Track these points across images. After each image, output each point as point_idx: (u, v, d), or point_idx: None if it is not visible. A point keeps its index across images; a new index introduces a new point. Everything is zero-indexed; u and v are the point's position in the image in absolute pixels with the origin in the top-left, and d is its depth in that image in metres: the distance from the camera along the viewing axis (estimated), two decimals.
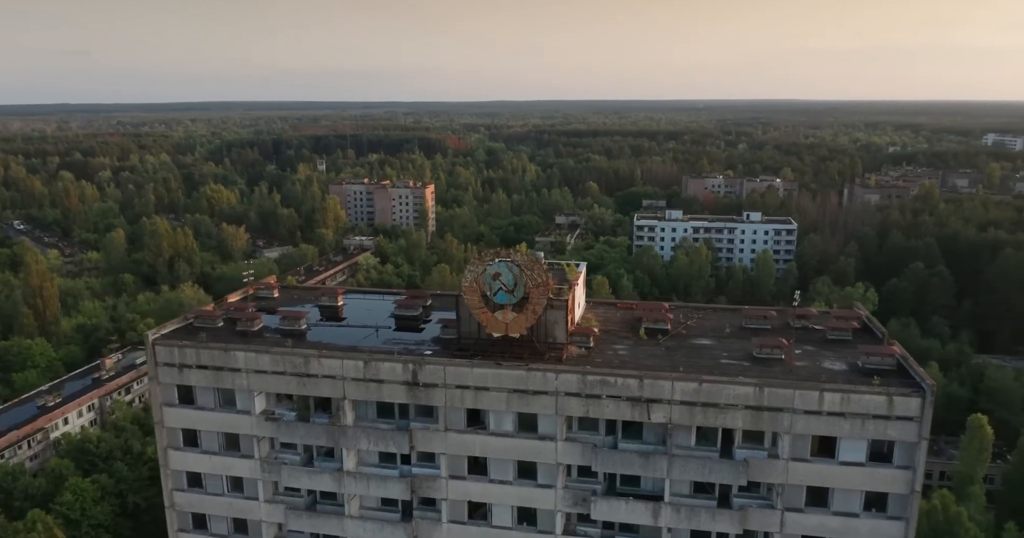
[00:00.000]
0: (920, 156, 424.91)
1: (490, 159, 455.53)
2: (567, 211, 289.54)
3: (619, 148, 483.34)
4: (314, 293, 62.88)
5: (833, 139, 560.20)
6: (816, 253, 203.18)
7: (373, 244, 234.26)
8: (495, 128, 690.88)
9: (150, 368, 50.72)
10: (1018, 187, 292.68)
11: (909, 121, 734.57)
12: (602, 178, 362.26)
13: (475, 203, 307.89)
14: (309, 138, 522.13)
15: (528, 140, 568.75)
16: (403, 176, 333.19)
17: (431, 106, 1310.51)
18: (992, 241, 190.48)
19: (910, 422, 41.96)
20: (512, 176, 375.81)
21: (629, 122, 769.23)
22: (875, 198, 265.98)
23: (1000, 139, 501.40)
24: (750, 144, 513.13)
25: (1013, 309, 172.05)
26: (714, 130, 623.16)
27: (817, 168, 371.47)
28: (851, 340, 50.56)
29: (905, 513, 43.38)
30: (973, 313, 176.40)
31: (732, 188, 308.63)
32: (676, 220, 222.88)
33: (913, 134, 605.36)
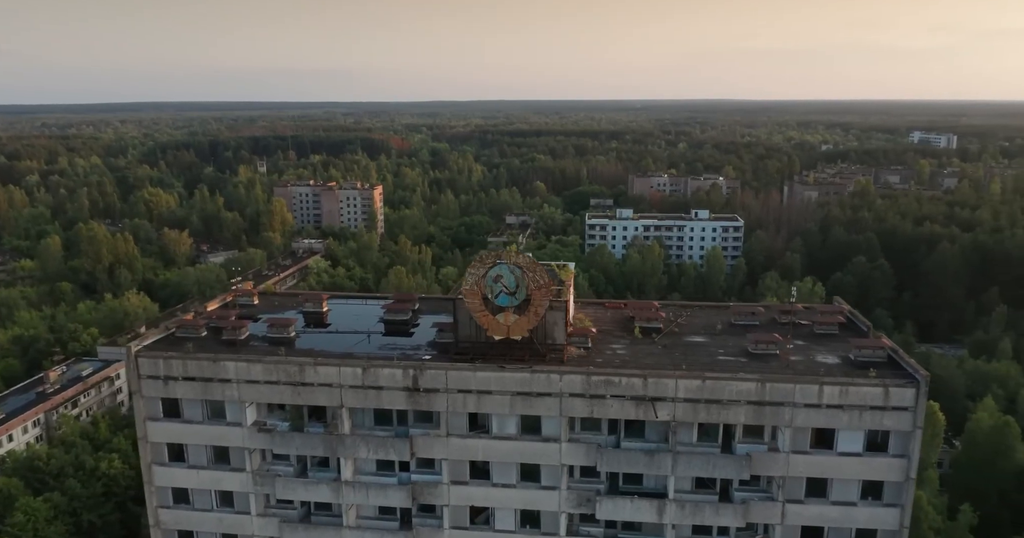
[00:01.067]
0: (852, 154, 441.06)
1: (435, 159, 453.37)
2: (517, 211, 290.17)
3: (563, 148, 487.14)
4: (296, 299, 61.22)
5: (768, 138, 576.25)
6: (763, 249, 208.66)
7: (323, 247, 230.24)
8: (437, 128, 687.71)
9: (132, 381, 48.52)
10: (946, 183, 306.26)
11: (839, 120, 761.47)
12: (549, 178, 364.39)
13: (423, 204, 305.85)
14: (247, 139, 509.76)
15: (472, 140, 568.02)
16: (349, 178, 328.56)
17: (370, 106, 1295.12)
18: (928, 235, 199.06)
19: (905, 412, 43.37)
20: (459, 176, 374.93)
21: (570, 122, 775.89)
22: (814, 195, 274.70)
23: (925, 137, 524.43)
24: (690, 143, 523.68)
25: (949, 300, 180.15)
26: (654, 130, 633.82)
27: (756, 166, 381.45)
28: (838, 334, 51.99)
29: (900, 500, 44.84)
30: (913, 304, 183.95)
31: (677, 187, 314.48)
32: (627, 219, 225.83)
33: (844, 132, 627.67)
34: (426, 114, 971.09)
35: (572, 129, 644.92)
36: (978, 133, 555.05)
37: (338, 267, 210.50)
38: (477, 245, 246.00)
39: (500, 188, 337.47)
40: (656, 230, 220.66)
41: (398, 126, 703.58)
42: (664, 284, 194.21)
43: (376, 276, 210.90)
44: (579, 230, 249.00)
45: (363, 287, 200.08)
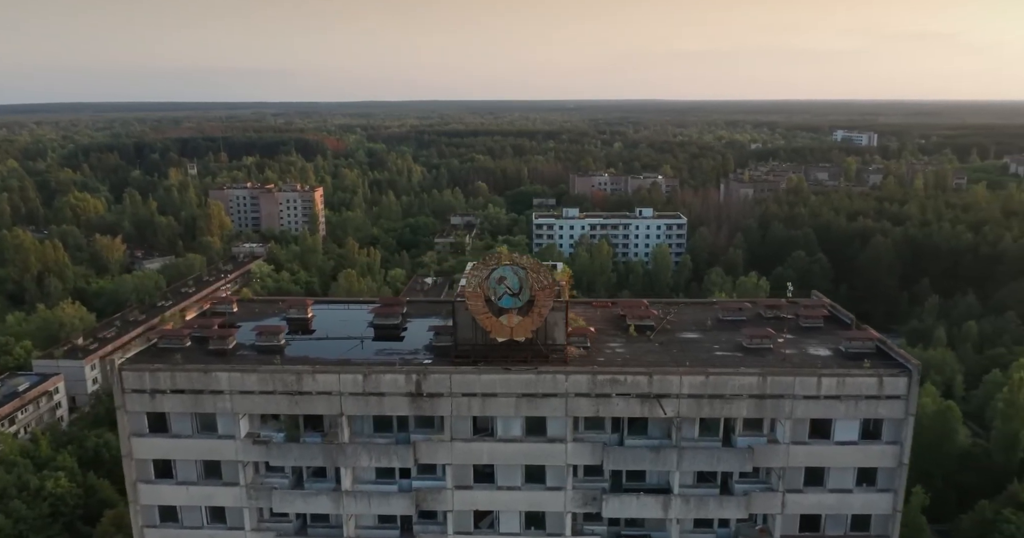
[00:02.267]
0: (781, 152, 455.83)
1: (372, 160, 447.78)
2: (461, 211, 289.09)
3: (501, 148, 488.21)
4: (277, 306, 59.33)
5: (700, 137, 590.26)
6: (706, 246, 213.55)
7: (265, 251, 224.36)
8: (372, 129, 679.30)
9: (116, 396, 46.10)
10: (872, 179, 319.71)
11: (765, 119, 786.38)
12: (490, 178, 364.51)
13: (364, 206, 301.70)
14: (175, 141, 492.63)
15: (408, 140, 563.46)
16: (287, 179, 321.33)
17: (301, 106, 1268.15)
18: (861, 229, 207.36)
19: (898, 400, 45.03)
20: (399, 177, 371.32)
21: (506, 122, 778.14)
22: (750, 192, 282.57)
23: (848, 135, 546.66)
24: (625, 143, 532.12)
25: (884, 291, 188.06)
26: (589, 130, 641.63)
27: (691, 165, 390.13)
28: (823, 327, 53.57)
29: (893, 485, 46.53)
30: (850, 296, 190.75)
31: (618, 186, 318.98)
32: (573, 218, 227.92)
33: (770, 131, 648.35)
34: (359, 114, 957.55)
35: (508, 129, 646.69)
36: (895, 131, 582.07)
37: (282, 271, 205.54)
38: (423, 246, 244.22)
39: (442, 189, 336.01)
40: (602, 229, 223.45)
41: (331, 126, 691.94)
42: (613, 282, 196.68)
43: (322, 280, 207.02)
44: (525, 230, 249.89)
45: (309, 291, 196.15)
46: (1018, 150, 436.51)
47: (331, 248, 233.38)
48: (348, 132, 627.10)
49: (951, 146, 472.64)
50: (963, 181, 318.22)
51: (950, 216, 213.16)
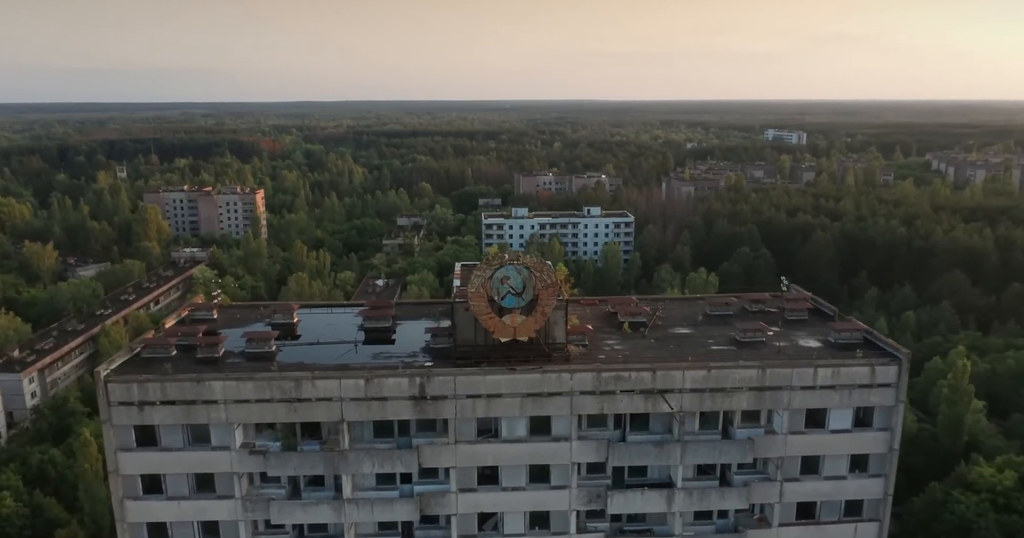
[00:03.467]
0: (716, 151, 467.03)
1: (311, 161, 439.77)
2: (407, 212, 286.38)
3: (442, 148, 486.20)
4: (258, 311, 57.42)
5: (637, 137, 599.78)
6: (654, 243, 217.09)
7: (207, 256, 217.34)
8: (308, 129, 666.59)
9: (102, 410, 43.79)
10: (805, 176, 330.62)
11: (698, 119, 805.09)
12: (434, 178, 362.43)
13: (307, 208, 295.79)
14: (101, 143, 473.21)
15: (347, 141, 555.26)
16: (227, 182, 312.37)
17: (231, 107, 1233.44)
18: (801, 225, 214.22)
19: (888, 388, 46.62)
20: (340, 179, 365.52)
21: (444, 122, 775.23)
22: (691, 190, 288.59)
23: (779, 134, 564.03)
24: (564, 143, 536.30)
25: (825, 284, 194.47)
26: (528, 130, 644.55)
27: (631, 164, 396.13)
28: (807, 320, 55.02)
29: (884, 470, 48.15)
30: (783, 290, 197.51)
31: (562, 185, 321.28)
32: (523, 217, 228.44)
33: (704, 131, 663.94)
34: (293, 115, 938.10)
35: (447, 129, 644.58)
36: (823, 130, 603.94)
37: (226, 276, 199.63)
38: (371, 248, 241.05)
39: (385, 190, 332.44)
40: (552, 228, 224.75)
41: (265, 127, 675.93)
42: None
43: (268, 284, 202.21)
44: (474, 230, 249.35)
45: (255, 296, 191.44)
46: (938, 147, 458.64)
47: (275, 252, 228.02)
48: (283, 133, 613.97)
49: (876, 144, 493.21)
50: (890, 177, 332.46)
51: (883, 211, 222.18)
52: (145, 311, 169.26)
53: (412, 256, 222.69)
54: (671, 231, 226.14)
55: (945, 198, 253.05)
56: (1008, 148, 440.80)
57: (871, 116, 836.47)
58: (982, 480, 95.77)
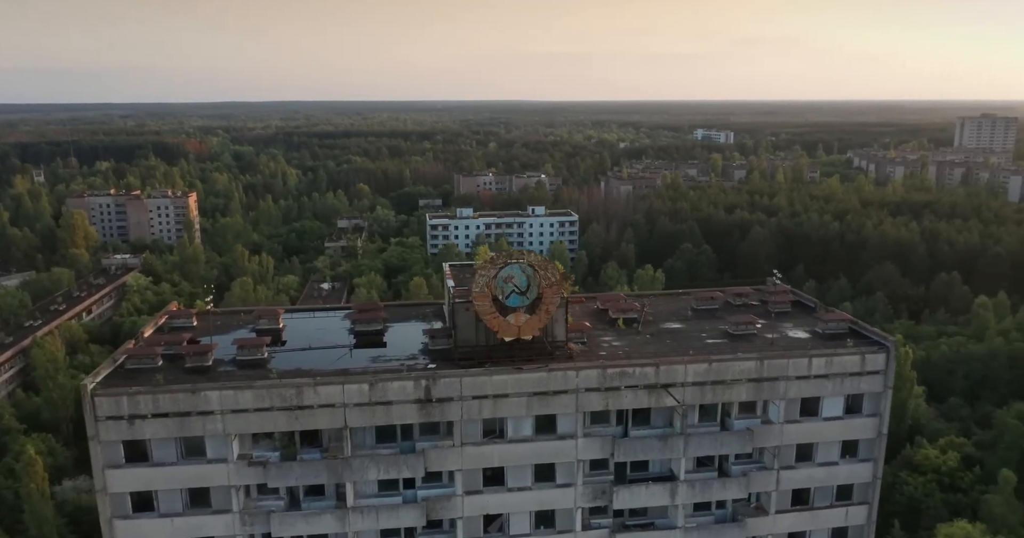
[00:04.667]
0: (649, 150, 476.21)
1: (241, 163, 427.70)
2: (346, 214, 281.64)
3: (376, 149, 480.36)
4: (240, 317, 55.21)
5: (571, 137, 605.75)
6: (599, 241, 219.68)
7: (140, 262, 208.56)
8: (235, 130, 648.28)
9: (89, 426, 41.27)
10: (737, 174, 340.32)
11: (628, 119, 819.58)
12: (371, 179, 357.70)
13: (241, 211, 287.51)
14: (13, 146, 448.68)
15: (277, 142, 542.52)
16: (155, 185, 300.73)
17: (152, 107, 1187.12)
18: (739, 221, 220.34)
19: (877, 375, 48.31)
20: (273, 181, 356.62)
21: (376, 123, 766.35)
22: (629, 189, 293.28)
23: (707, 134, 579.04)
24: (499, 143, 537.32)
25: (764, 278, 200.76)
26: (462, 130, 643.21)
27: (568, 164, 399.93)
28: (791, 312, 56.49)
29: (873, 454, 49.87)
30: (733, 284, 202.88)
31: (502, 185, 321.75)
32: (468, 217, 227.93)
33: (635, 131, 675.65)
34: (218, 115, 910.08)
35: (380, 130, 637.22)
36: (748, 129, 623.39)
37: (161, 283, 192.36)
38: (312, 251, 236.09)
39: (322, 192, 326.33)
40: (497, 227, 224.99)
41: (189, 128, 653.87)
42: None
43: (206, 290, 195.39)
44: (417, 231, 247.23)
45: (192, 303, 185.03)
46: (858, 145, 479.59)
47: (211, 257, 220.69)
48: (209, 134, 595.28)
49: (799, 142, 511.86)
50: (816, 174, 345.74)
51: (816, 207, 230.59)
52: (78, 321, 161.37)
53: (356, 258, 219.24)
54: (614, 229, 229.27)
55: (870, 194, 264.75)
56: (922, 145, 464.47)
57: (792, 116, 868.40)
58: (927, 462, 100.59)
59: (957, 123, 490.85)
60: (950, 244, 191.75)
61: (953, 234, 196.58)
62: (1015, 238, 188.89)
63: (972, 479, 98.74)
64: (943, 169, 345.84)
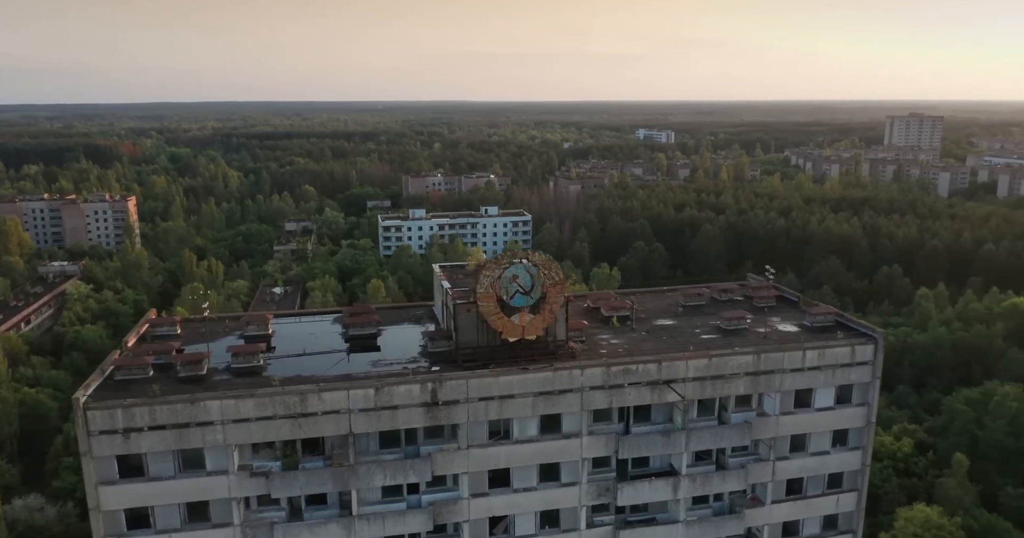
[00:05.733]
0: (594, 150, 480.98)
1: (179, 166, 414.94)
2: (294, 217, 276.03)
3: (320, 150, 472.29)
4: (225, 324, 53.33)
5: (514, 137, 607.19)
6: (553, 240, 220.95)
7: (79, 269, 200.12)
8: (169, 132, 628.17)
9: (81, 441, 39.23)
10: (681, 173, 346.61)
11: (570, 119, 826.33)
12: (316, 181, 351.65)
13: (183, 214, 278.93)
14: None
15: (215, 144, 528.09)
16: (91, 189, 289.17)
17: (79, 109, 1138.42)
18: (689, 219, 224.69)
19: (866, 366, 49.83)
20: (214, 183, 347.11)
21: (316, 123, 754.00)
22: (578, 188, 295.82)
23: (649, 133, 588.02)
24: (444, 143, 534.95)
25: (714, 275, 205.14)
26: (405, 131, 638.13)
27: (515, 164, 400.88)
28: (776, 306, 57.75)
29: (862, 442, 51.39)
30: (685, 281, 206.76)
31: (452, 185, 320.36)
32: (420, 218, 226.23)
33: (578, 131, 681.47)
34: (149, 117, 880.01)
35: (322, 130, 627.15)
36: (687, 129, 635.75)
37: (104, 290, 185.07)
38: (260, 255, 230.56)
39: (266, 194, 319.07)
40: (451, 228, 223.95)
41: (121, 130, 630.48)
42: None
43: (150, 297, 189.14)
44: (368, 232, 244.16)
45: (139, 311, 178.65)
46: (793, 144, 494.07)
47: (155, 262, 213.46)
48: (142, 136, 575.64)
49: (738, 142, 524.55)
50: (757, 173, 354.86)
51: (761, 205, 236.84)
52: (16, 332, 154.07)
53: (307, 262, 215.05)
54: (567, 229, 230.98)
55: (811, 191, 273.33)
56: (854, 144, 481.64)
57: (729, 116, 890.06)
58: (883, 448, 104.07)
59: (887, 122, 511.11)
60: (890, 238, 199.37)
61: (892, 229, 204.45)
62: (950, 232, 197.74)
63: (926, 464, 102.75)
64: (876, 166, 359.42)
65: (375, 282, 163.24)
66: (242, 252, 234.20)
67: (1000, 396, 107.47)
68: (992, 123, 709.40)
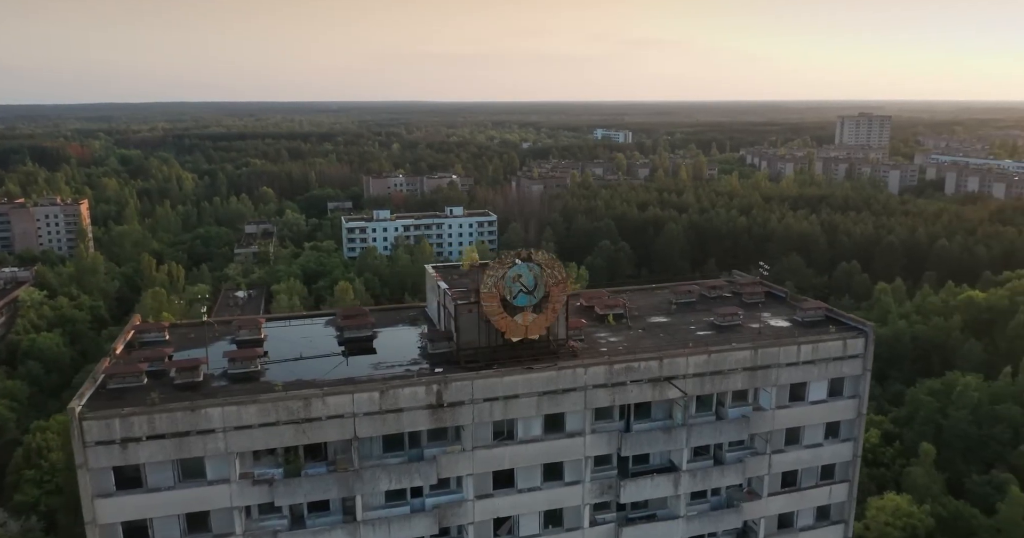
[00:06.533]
0: (553, 150, 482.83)
1: (130, 168, 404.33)
2: (253, 219, 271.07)
3: (276, 151, 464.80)
4: (215, 329, 51.86)
5: (473, 137, 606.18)
6: (519, 240, 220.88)
7: (31, 275, 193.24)
8: (118, 133, 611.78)
9: (77, 453, 37.71)
10: (641, 172, 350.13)
11: (528, 120, 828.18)
12: (275, 182, 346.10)
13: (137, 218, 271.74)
14: None
15: (166, 145, 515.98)
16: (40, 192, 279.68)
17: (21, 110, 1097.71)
18: (653, 218, 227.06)
19: (857, 359, 50.90)
20: (168, 186, 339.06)
21: (270, 124, 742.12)
22: (540, 188, 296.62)
23: (607, 133, 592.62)
24: (403, 144, 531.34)
25: (678, 273, 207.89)
26: (363, 131, 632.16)
27: (476, 164, 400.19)
28: (765, 302, 58.60)
29: (853, 434, 52.51)
30: (650, 278, 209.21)
31: (414, 186, 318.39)
32: (385, 220, 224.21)
33: (536, 131, 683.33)
34: (96, 118, 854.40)
35: (277, 131, 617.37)
36: (644, 129, 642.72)
37: (58, 297, 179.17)
38: (220, 258, 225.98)
39: (223, 196, 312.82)
40: (416, 229, 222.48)
41: (67, 132, 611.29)
42: None
43: (107, 303, 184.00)
44: (331, 234, 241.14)
45: (96, 318, 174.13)
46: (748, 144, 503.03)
47: (110, 267, 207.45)
48: (90, 138, 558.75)
49: (694, 141, 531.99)
50: (715, 172, 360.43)
51: (722, 203, 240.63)
52: None
53: (269, 265, 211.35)
54: (533, 228, 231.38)
55: (769, 189, 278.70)
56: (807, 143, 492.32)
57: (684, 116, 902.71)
58: None
59: (838, 122, 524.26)
60: (848, 235, 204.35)
61: (850, 226, 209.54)
62: (905, 228, 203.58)
63: (893, 453, 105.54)
64: (828, 165, 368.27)
65: (343, 284, 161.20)
66: (201, 256, 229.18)
67: (962, 386, 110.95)
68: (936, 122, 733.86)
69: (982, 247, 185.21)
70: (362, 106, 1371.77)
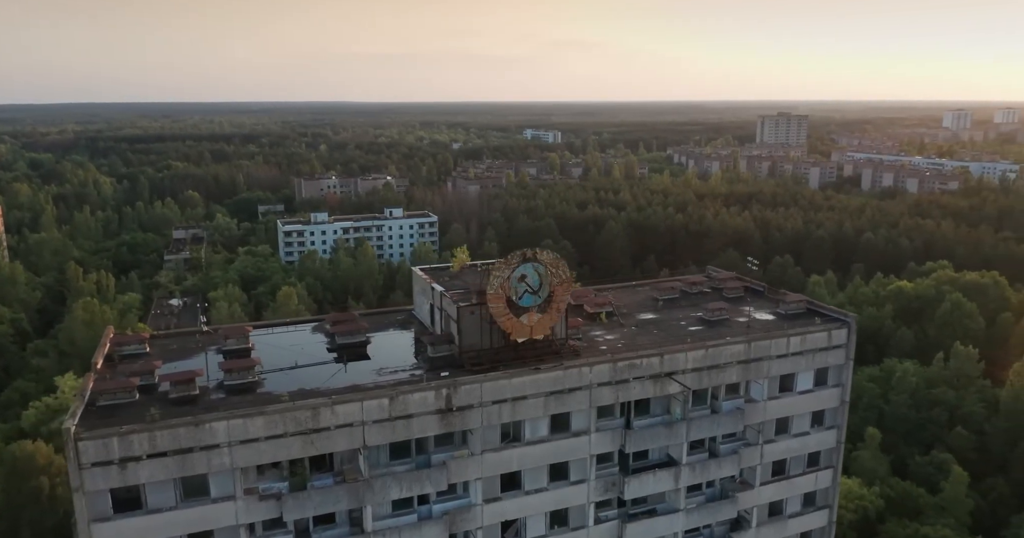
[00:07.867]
0: (484, 150, 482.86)
1: (41, 172, 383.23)
2: (181, 224, 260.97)
3: (198, 153, 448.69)
4: (196, 339, 49.40)
5: (402, 138, 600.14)
6: (461, 241, 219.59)
7: None
8: (24, 136, 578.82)
9: (72, 475, 35.17)
10: (575, 172, 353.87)
11: (455, 120, 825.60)
12: (201, 186, 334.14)
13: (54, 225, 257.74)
14: None
15: (79, 148, 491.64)
16: None
17: None
18: (593, 216, 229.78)
19: (840, 349, 52.67)
20: (85, 190, 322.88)
21: (189, 125, 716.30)
22: (476, 188, 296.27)
23: (536, 133, 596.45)
24: (330, 145, 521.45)
25: (620, 270, 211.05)
26: (287, 132, 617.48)
27: (409, 165, 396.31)
28: (745, 296, 59.93)
29: (837, 421, 54.30)
30: (592, 277, 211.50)
31: (347, 187, 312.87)
32: (323, 223, 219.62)
33: (465, 131, 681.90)
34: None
35: (197, 133, 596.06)
36: (572, 129, 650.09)
37: None
38: (149, 266, 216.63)
39: (146, 201, 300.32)
40: (356, 231, 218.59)
41: None
42: (380, 284, 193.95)
43: (30, 316, 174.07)
44: (265, 238, 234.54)
45: (19, 331, 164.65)
46: (673, 143, 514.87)
47: (30, 277, 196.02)
48: None
49: (622, 141, 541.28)
50: (645, 171, 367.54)
51: (658, 201, 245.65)
52: None
53: (202, 271, 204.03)
54: (474, 228, 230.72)
55: (700, 187, 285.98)
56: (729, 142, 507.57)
57: (609, 116, 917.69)
58: None
59: (758, 121, 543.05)
60: (779, 230, 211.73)
61: (781, 221, 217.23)
62: (832, 223, 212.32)
63: None
64: (752, 163, 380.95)
65: (286, 290, 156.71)
66: (128, 263, 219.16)
67: (901, 373, 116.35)
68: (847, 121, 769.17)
69: (904, 239, 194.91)
70: (284, 107, 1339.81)
